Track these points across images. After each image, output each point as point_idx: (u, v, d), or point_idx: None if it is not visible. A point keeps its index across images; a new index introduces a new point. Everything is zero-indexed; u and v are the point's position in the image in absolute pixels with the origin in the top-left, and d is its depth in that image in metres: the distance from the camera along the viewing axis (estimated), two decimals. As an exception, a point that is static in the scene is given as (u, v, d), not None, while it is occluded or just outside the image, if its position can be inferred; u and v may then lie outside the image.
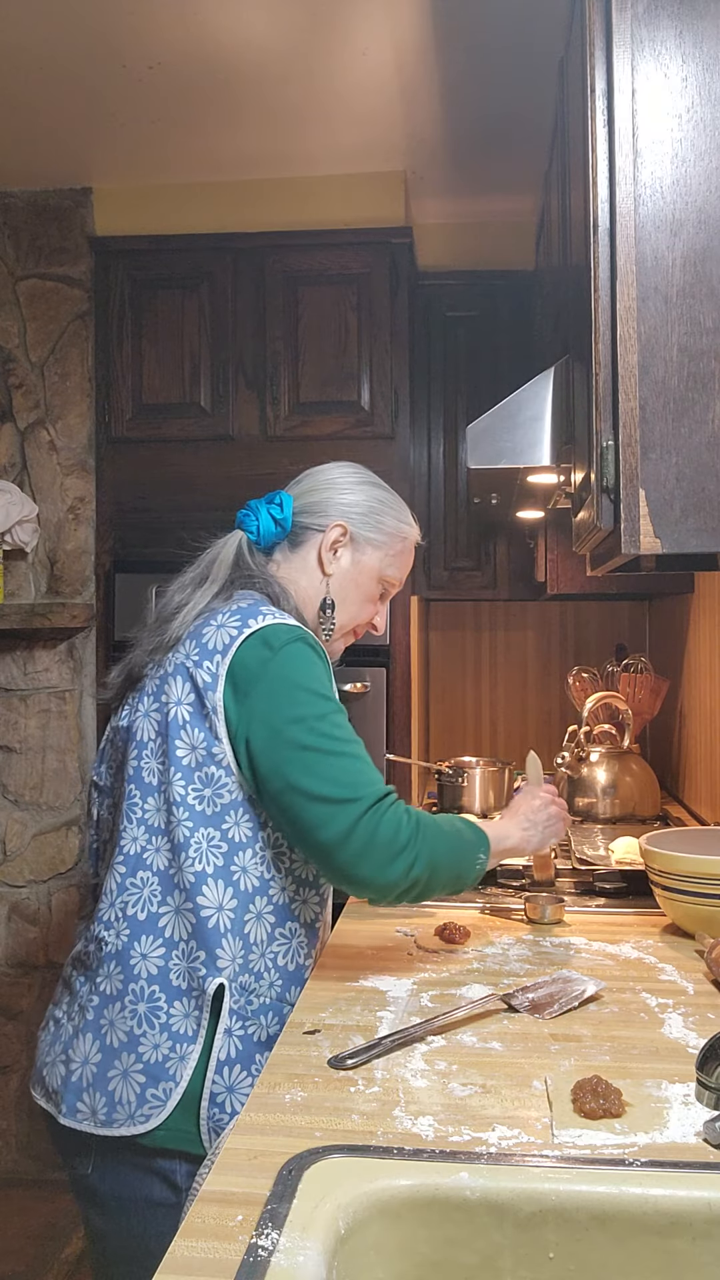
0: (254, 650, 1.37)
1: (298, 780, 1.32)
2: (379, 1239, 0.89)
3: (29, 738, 3.17)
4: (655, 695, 2.87)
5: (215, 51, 2.45)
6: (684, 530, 1.31)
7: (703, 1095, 1.03)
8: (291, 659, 1.37)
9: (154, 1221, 1.32)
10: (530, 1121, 1.04)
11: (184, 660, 1.41)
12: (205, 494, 3.05)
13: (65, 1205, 2.88)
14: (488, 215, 3.36)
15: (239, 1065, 1.34)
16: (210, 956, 1.35)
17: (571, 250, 1.80)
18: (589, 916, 1.80)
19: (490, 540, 3.33)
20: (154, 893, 1.38)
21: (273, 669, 1.36)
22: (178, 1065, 1.33)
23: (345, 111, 2.75)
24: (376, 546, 1.59)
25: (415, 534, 1.65)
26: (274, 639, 1.38)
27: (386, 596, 1.66)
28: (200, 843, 1.37)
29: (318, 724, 1.34)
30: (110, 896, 1.40)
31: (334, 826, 1.31)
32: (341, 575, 1.58)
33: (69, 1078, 1.36)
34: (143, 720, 1.43)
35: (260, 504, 1.58)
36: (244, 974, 1.37)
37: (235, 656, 1.37)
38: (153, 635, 1.49)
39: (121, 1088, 1.33)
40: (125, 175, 3.10)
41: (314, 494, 1.59)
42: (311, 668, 1.38)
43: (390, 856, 1.32)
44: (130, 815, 1.41)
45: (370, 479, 1.63)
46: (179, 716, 1.39)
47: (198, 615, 1.45)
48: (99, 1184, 1.36)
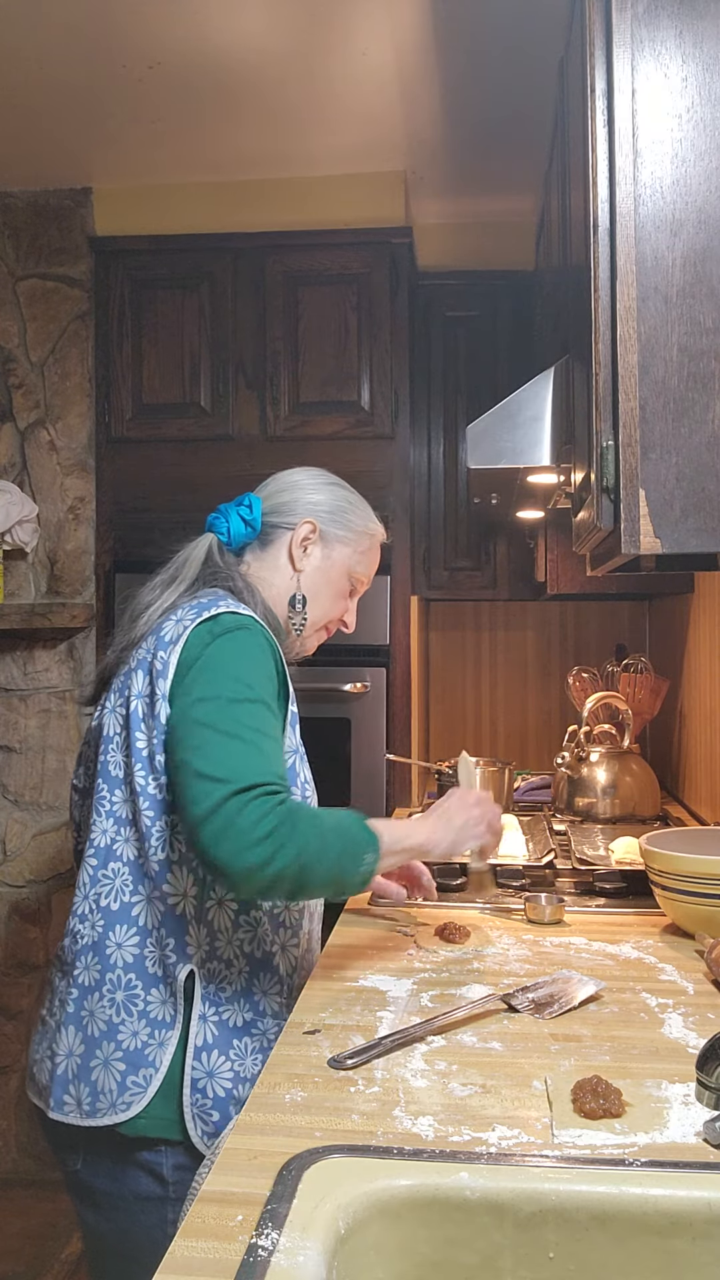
0: (199, 637, 1.39)
1: (186, 755, 1.31)
2: (379, 1239, 0.89)
3: (29, 738, 3.17)
4: (655, 695, 2.87)
5: (215, 52, 2.45)
6: (684, 530, 1.31)
7: (703, 1095, 1.03)
8: (226, 644, 1.38)
9: (142, 1215, 1.34)
10: (530, 1121, 1.04)
11: (145, 655, 1.44)
12: (205, 494, 3.04)
13: (65, 1205, 2.88)
14: (488, 215, 3.36)
15: (216, 1050, 1.36)
16: (179, 944, 1.38)
17: (571, 250, 1.80)
18: (589, 916, 1.80)
19: (490, 540, 3.33)
20: (125, 883, 1.40)
21: (209, 652, 1.37)
22: (157, 1051, 1.35)
23: (345, 112, 2.75)
24: (345, 543, 1.63)
25: (381, 532, 1.69)
26: (217, 626, 1.40)
27: (356, 594, 1.69)
28: (163, 830, 1.39)
29: (227, 707, 1.32)
30: (84, 889, 1.42)
31: (201, 804, 1.26)
32: (313, 571, 1.61)
33: (55, 1071, 1.39)
34: (110, 716, 1.46)
35: (229, 507, 1.62)
36: (211, 960, 1.39)
37: (184, 645, 1.39)
38: (123, 635, 1.52)
39: (103, 1076, 1.35)
40: (125, 175, 3.10)
41: (281, 495, 1.63)
42: (242, 654, 1.38)
43: (248, 844, 1.24)
44: (99, 809, 1.43)
45: (334, 480, 1.67)
46: (138, 709, 1.41)
47: (163, 613, 1.47)
48: (89, 1179, 1.38)
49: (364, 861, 1.35)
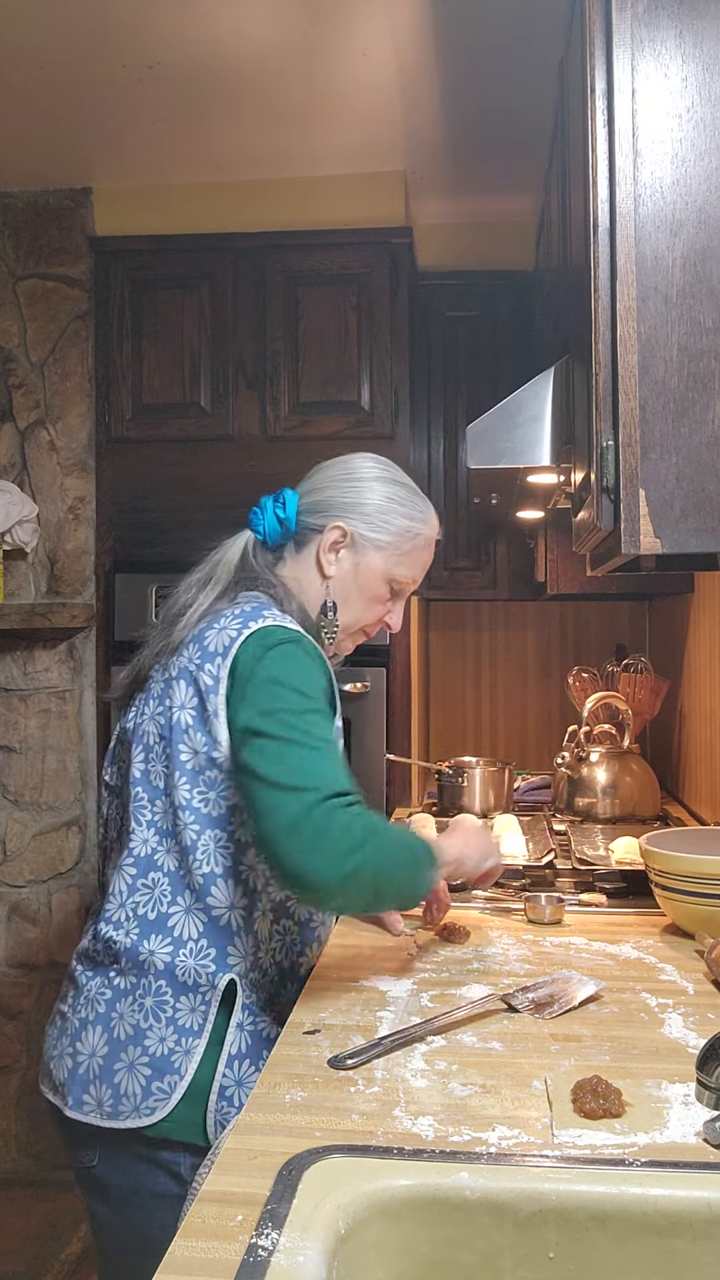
0: (250, 650, 1.36)
1: (256, 764, 1.28)
2: (379, 1239, 0.89)
3: (29, 738, 3.17)
4: (655, 695, 2.87)
5: (215, 51, 2.45)
6: (684, 530, 1.31)
7: (703, 1095, 1.03)
8: (280, 658, 1.35)
9: (158, 1213, 1.33)
10: (530, 1121, 1.04)
11: (187, 664, 1.40)
12: (205, 494, 3.05)
13: (65, 1205, 2.88)
14: (488, 215, 3.35)
15: (248, 1060, 1.36)
16: (221, 954, 1.37)
17: (571, 250, 1.80)
18: (589, 916, 1.80)
19: (490, 540, 3.33)
20: (164, 893, 1.39)
21: (261, 668, 1.35)
22: (183, 1059, 1.34)
23: (345, 111, 2.74)
24: (380, 548, 1.54)
25: (431, 531, 1.59)
26: (269, 639, 1.37)
27: (402, 595, 1.60)
28: (208, 844, 1.38)
29: (289, 718, 1.30)
30: (120, 897, 1.41)
31: (284, 813, 1.24)
32: (343, 577, 1.54)
33: (76, 1070, 1.38)
34: (148, 723, 1.44)
35: (268, 501, 1.56)
36: (254, 970, 1.39)
37: (234, 658, 1.37)
38: (159, 637, 1.48)
39: (127, 1080, 1.34)
40: (125, 175, 3.10)
41: (318, 493, 1.56)
42: (298, 667, 1.36)
43: (342, 852, 1.23)
44: (139, 818, 1.41)
45: (382, 473, 1.57)
46: (182, 721, 1.39)
47: (201, 618, 1.44)
48: (104, 1176, 1.38)
49: (430, 874, 1.38)
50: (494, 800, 2.61)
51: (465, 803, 2.59)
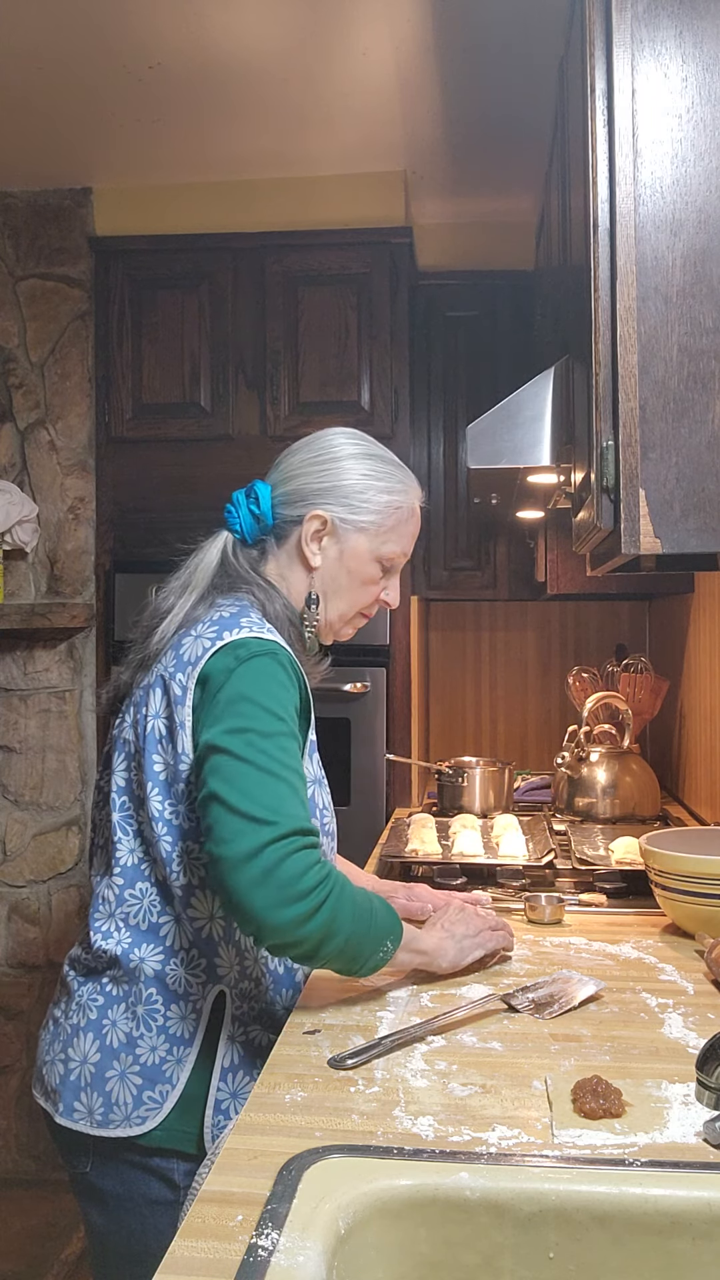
0: (221, 662, 1.32)
1: (217, 786, 1.23)
2: (379, 1239, 0.89)
3: (29, 738, 3.17)
4: (655, 695, 2.87)
5: (215, 52, 2.45)
6: (684, 530, 1.31)
7: (703, 1095, 1.03)
8: (252, 673, 1.30)
9: (152, 1219, 1.32)
10: (530, 1121, 1.04)
11: (163, 671, 1.37)
12: (205, 494, 3.04)
13: (65, 1205, 2.88)
14: (488, 215, 3.35)
15: (242, 1071, 1.34)
16: (210, 965, 1.35)
17: (571, 250, 1.80)
18: (589, 916, 1.80)
19: (490, 540, 3.33)
20: (153, 903, 1.37)
21: (232, 684, 1.29)
22: (174, 1068, 1.33)
23: (345, 111, 2.74)
24: (364, 529, 1.48)
25: (414, 500, 1.53)
26: (242, 651, 1.31)
27: (394, 570, 1.54)
28: (181, 856, 1.35)
29: (258, 740, 1.25)
30: (109, 907, 1.39)
31: (239, 844, 1.19)
32: (330, 565, 1.48)
33: (68, 1076, 1.36)
34: (128, 731, 1.42)
35: (240, 496, 1.50)
36: (243, 980, 1.37)
37: (204, 669, 1.33)
38: (140, 646, 1.45)
39: (119, 1089, 1.33)
40: (125, 175, 3.10)
41: (291, 481, 1.50)
42: (271, 684, 1.30)
43: (290, 897, 1.19)
44: (125, 827, 1.40)
45: (355, 449, 1.50)
46: (155, 730, 1.36)
47: (179, 626, 1.40)
48: (98, 1182, 1.37)
49: (384, 947, 1.31)
50: (494, 800, 2.61)
51: (465, 803, 2.59)
